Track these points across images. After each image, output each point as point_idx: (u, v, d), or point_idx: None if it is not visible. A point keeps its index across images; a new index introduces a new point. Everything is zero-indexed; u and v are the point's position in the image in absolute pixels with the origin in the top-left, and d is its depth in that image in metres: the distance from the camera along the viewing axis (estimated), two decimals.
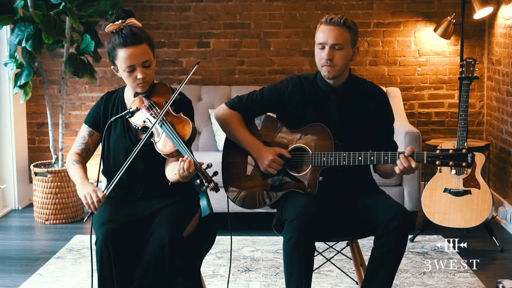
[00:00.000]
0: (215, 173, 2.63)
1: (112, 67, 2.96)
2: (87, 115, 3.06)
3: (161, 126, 2.78)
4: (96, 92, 5.65)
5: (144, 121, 2.85)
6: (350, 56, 3.03)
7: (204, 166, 2.63)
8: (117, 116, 2.91)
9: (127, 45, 2.83)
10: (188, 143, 2.73)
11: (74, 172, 2.92)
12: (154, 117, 2.83)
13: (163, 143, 2.78)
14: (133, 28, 2.87)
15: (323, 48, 2.99)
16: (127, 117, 2.89)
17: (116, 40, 2.86)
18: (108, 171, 3.05)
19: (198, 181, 2.61)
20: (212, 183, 2.59)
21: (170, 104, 2.82)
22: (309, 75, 3.16)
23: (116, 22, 2.89)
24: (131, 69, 2.85)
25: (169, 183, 2.86)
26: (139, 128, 2.88)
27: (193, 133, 2.76)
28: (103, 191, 2.78)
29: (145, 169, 2.96)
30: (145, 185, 2.99)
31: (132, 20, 2.90)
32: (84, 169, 2.94)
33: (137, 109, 2.89)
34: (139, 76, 2.84)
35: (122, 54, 2.84)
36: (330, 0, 5.51)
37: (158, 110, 2.84)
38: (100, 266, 2.81)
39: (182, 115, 2.83)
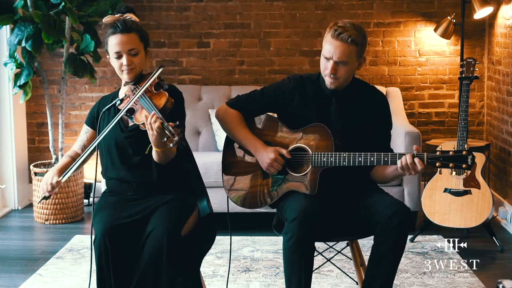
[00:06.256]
0: (182, 130, 2.74)
1: (107, 56, 3.06)
2: (87, 115, 3.18)
3: (140, 100, 2.89)
4: (96, 92, 5.65)
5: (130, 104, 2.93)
6: (354, 68, 3.03)
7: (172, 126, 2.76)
8: (109, 105, 3.02)
9: (116, 32, 2.96)
10: (162, 111, 2.82)
11: (58, 162, 3.08)
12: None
13: (140, 114, 2.88)
14: (127, 20, 3.00)
15: (327, 60, 2.98)
16: (116, 104, 2.98)
17: (109, 29, 2.99)
18: (106, 169, 3.09)
19: (165, 138, 2.73)
20: (177, 137, 2.69)
21: (151, 83, 2.93)
22: (312, 75, 3.16)
23: (115, 15, 3.02)
24: (118, 56, 2.97)
25: (162, 177, 2.99)
26: (125, 110, 2.94)
27: (169, 103, 2.88)
28: (59, 178, 2.91)
29: (135, 156, 3.00)
30: (138, 177, 3.01)
31: (130, 15, 3.03)
32: (67, 163, 3.05)
33: (126, 96, 2.97)
34: (124, 62, 2.96)
35: (111, 41, 2.98)
36: (330, 0, 5.51)
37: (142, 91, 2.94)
38: (98, 264, 2.83)
39: (162, 91, 2.94)
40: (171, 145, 2.70)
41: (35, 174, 5.12)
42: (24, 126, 5.62)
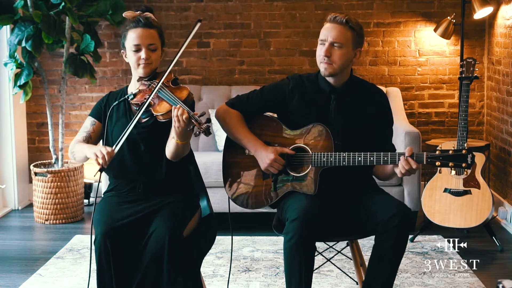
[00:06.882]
0: (208, 120, 2.75)
1: (122, 51, 3.08)
2: (92, 108, 3.17)
3: (159, 93, 2.92)
4: (96, 92, 5.65)
5: (145, 98, 2.93)
6: (350, 57, 3.03)
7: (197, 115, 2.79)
8: (120, 100, 3.03)
9: (137, 26, 2.99)
10: (185, 103, 2.85)
11: (80, 147, 3.00)
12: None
13: (160, 106, 2.89)
14: (148, 16, 3.04)
15: (323, 44, 3.00)
16: (129, 99, 2.98)
17: (130, 24, 3.02)
18: (112, 166, 3.04)
19: (191, 126, 2.75)
20: (204, 125, 2.73)
21: (167, 79, 2.97)
22: (311, 74, 3.16)
23: (135, 12, 3.06)
24: (137, 49, 2.99)
25: (169, 176, 2.99)
26: (140, 105, 2.94)
27: (190, 96, 2.93)
28: (113, 148, 2.86)
29: (146, 153, 3.00)
30: (146, 176, 3.00)
31: (149, 14, 3.07)
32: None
33: (140, 91, 2.98)
34: (143, 56, 2.98)
35: (131, 35, 3.00)
36: (330, 0, 5.51)
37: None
38: (98, 265, 2.83)
39: (182, 86, 2.99)
40: (197, 132, 2.73)
41: (35, 174, 5.11)
42: (24, 126, 5.62)
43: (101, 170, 2.85)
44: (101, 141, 3.12)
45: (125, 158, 3.00)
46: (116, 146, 2.87)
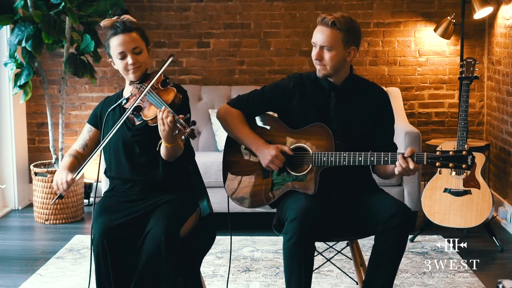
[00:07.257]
0: (193, 122, 2.74)
1: (109, 60, 3.07)
2: (90, 115, 3.18)
3: (148, 97, 2.90)
4: (96, 92, 5.65)
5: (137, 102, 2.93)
6: (343, 57, 3.02)
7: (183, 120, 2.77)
8: (114, 105, 3.02)
9: (117, 33, 2.97)
10: (171, 106, 2.84)
11: (63, 162, 3.04)
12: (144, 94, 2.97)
13: (149, 110, 2.89)
14: (125, 20, 3.01)
15: (315, 47, 3.02)
16: (122, 104, 2.98)
17: (109, 32, 3.00)
18: (110, 168, 3.08)
19: (177, 131, 2.74)
20: (189, 129, 2.70)
21: (157, 80, 2.95)
22: (311, 73, 3.16)
23: (113, 18, 3.03)
24: (122, 56, 2.98)
25: (167, 176, 2.99)
26: (133, 108, 2.94)
27: (177, 98, 2.90)
28: (73, 176, 2.89)
29: (142, 155, 3.00)
30: (144, 177, 3.01)
31: (126, 16, 3.04)
32: (73, 162, 3.03)
33: (132, 95, 2.98)
34: (129, 61, 2.96)
35: (113, 42, 2.98)
36: (330, 0, 5.51)
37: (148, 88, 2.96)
38: (97, 264, 2.84)
39: (169, 87, 2.95)
40: (183, 137, 2.71)
41: (35, 174, 5.12)
42: (24, 126, 5.62)
43: (60, 197, 2.90)
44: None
45: (121, 161, 3.01)
46: (78, 174, 2.90)
